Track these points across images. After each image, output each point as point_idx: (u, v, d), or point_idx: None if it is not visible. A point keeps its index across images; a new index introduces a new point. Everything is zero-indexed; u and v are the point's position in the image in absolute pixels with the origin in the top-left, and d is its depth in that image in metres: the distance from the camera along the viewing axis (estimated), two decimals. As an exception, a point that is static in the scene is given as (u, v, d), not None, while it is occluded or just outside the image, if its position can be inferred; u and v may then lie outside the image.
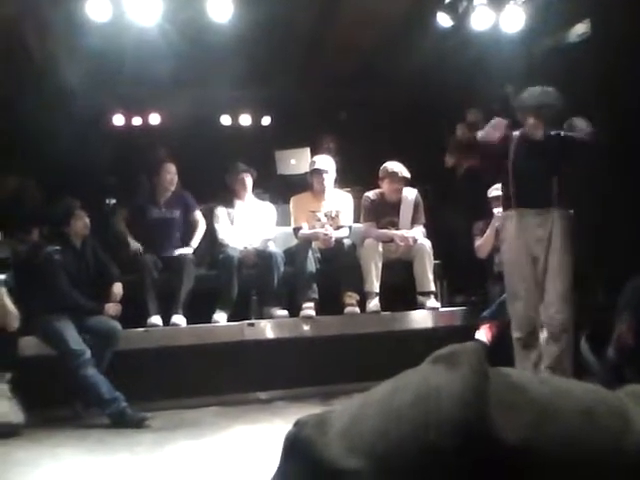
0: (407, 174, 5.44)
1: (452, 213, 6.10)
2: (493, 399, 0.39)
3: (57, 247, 4.73)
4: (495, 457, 0.38)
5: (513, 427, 0.39)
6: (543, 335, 4.01)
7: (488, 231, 5.31)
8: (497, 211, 5.27)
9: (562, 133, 4.10)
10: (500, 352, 4.17)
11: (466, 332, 4.81)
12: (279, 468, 0.45)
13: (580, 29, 5.77)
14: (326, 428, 0.42)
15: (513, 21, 5.68)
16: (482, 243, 5.36)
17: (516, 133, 4.20)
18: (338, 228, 5.47)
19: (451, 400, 0.39)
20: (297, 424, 0.44)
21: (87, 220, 4.89)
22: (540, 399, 0.41)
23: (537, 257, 4.06)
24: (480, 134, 4.29)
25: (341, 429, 0.42)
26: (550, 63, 5.78)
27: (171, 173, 5.54)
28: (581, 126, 4.08)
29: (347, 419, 0.42)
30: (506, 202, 4.23)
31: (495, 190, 5.41)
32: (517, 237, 4.07)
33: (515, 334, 4.10)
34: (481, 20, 5.69)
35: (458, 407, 0.39)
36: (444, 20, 5.77)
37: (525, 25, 5.68)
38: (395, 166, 5.46)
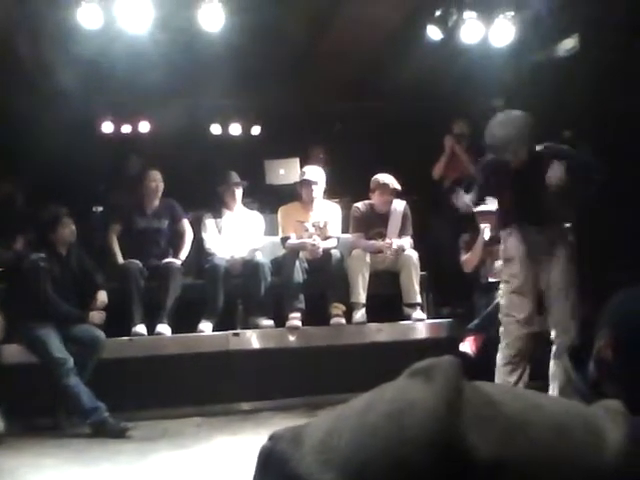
0: (398, 186, 5.45)
1: (439, 225, 6.12)
2: (467, 414, 0.39)
3: (42, 254, 4.69)
4: (466, 473, 0.37)
5: (485, 443, 0.38)
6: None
7: (475, 247, 5.31)
8: (483, 226, 5.28)
9: (543, 147, 4.05)
10: (485, 364, 4.18)
11: (452, 344, 4.81)
12: None
13: (569, 44, 5.83)
14: (301, 442, 0.42)
15: (502, 35, 5.73)
16: (469, 258, 5.36)
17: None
18: (326, 238, 5.47)
19: (424, 415, 0.39)
20: (272, 438, 0.43)
21: (73, 227, 4.86)
22: (513, 414, 0.41)
23: (539, 274, 4.01)
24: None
25: (316, 443, 0.41)
26: (538, 77, 5.83)
27: (156, 181, 5.50)
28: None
29: (322, 432, 0.42)
30: (506, 219, 4.12)
31: (481, 205, 5.43)
32: (520, 252, 3.99)
33: (506, 351, 4.02)
34: (471, 33, 5.73)
35: (431, 422, 0.38)
36: (434, 33, 5.81)
37: (514, 39, 5.73)
38: (386, 178, 5.47)
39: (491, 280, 5.19)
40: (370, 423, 0.40)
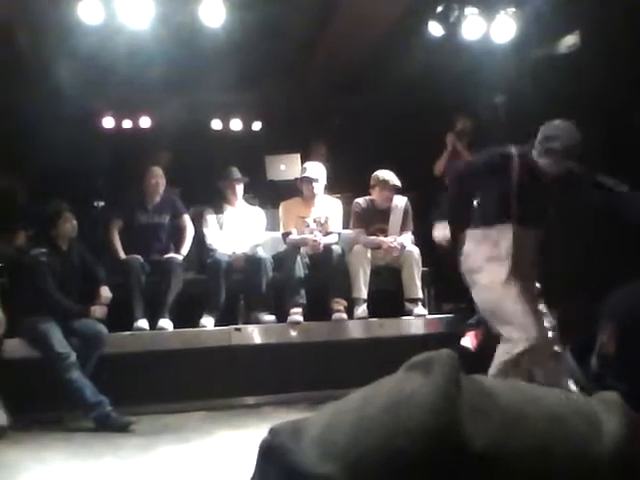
0: (398, 182, 5.46)
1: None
2: (464, 406, 0.40)
3: (43, 249, 4.70)
4: (463, 464, 0.38)
5: (482, 434, 0.39)
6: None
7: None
8: None
9: (573, 171, 3.95)
10: (485, 359, 4.18)
11: (453, 339, 4.83)
12: (253, 474, 0.45)
13: (570, 40, 5.83)
14: (300, 435, 0.43)
15: (504, 31, 5.74)
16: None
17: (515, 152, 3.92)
18: (327, 234, 5.48)
19: (422, 407, 0.40)
20: (271, 431, 0.44)
21: (74, 222, 4.86)
22: (510, 406, 0.42)
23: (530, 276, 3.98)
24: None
25: (315, 436, 0.42)
26: (540, 73, 5.83)
27: (156, 177, 5.51)
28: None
29: (321, 426, 0.43)
30: (500, 216, 3.89)
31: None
32: (513, 254, 3.84)
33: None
34: (472, 30, 5.74)
35: (428, 414, 0.39)
36: (436, 29, 5.81)
37: (515, 35, 5.73)
38: (386, 174, 5.47)
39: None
40: (368, 416, 0.41)
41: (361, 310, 5.21)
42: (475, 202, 4.20)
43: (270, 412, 4.69)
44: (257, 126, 8.19)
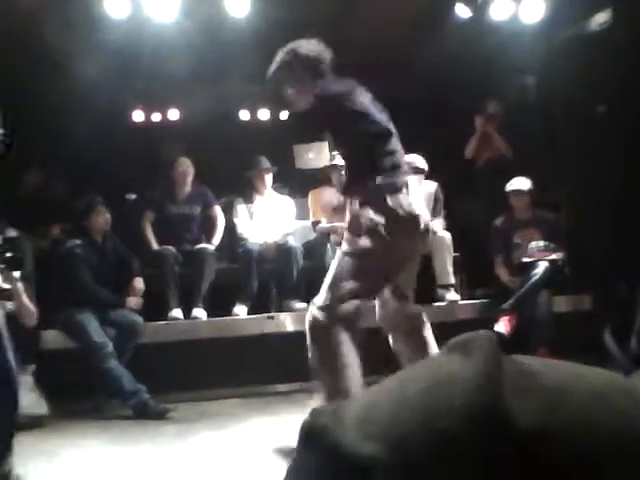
0: (423, 165, 5.39)
1: (472, 205, 6.07)
2: (507, 385, 0.40)
3: (79, 241, 4.78)
4: (509, 442, 0.38)
5: (526, 412, 0.39)
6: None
7: None
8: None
9: None
10: (519, 344, 4.16)
11: (486, 324, 4.79)
12: (296, 457, 0.46)
13: (601, 18, 5.70)
14: (342, 416, 0.43)
15: (533, 11, 5.64)
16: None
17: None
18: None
19: (464, 386, 0.40)
20: (313, 413, 0.45)
21: (108, 216, 4.94)
22: (553, 384, 0.42)
23: None
24: None
25: (356, 417, 0.43)
26: (570, 53, 5.72)
27: (183, 167, 5.55)
28: None
29: (362, 408, 0.43)
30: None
31: (513, 184, 5.37)
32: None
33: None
34: (500, 10, 5.65)
35: (471, 393, 0.39)
36: (463, 11, 5.73)
37: (545, 15, 5.63)
38: (410, 157, 5.41)
39: (525, 260, 5.15)
40: (408, 397, 0.41)
41: (392, 296, 5.19)
42: None
43: (303, 399, 4.71)
44: (285, 115, 8.19)
